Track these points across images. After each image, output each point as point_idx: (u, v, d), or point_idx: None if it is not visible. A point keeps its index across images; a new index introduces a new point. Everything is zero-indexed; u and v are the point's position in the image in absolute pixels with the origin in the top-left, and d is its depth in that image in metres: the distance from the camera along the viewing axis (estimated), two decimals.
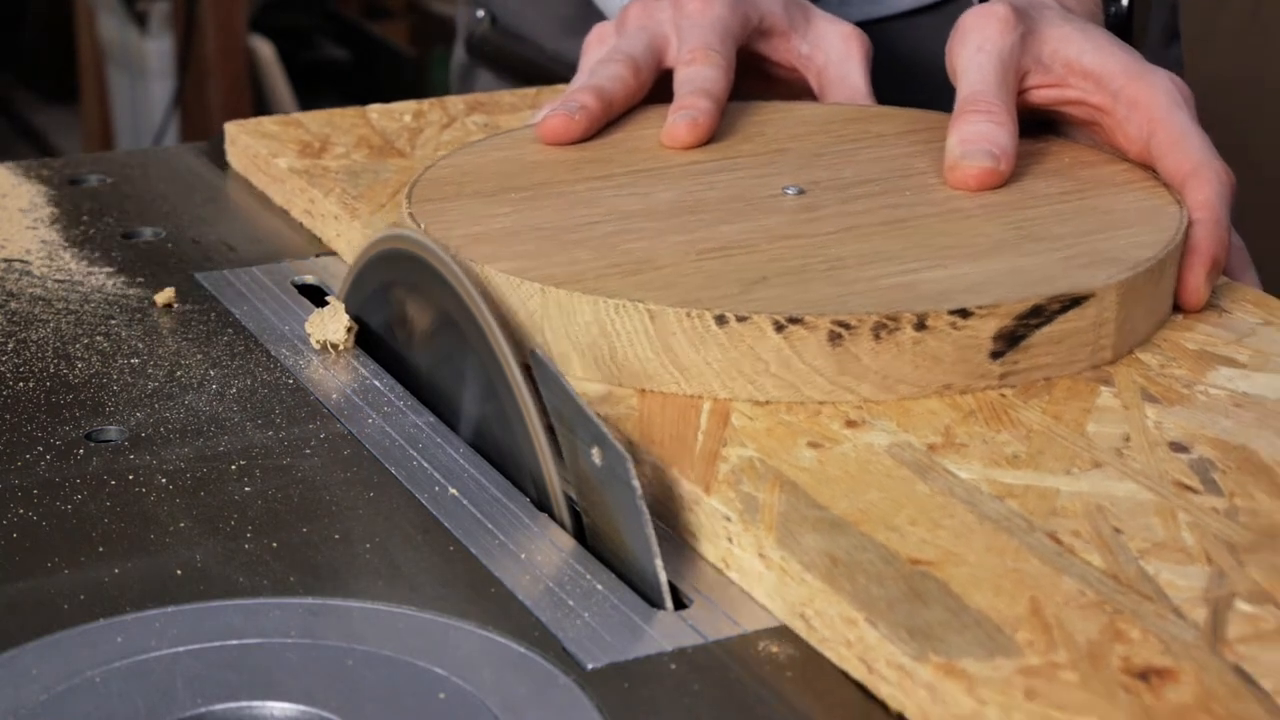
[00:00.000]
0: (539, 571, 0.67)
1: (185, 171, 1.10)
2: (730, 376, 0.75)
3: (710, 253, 0.81)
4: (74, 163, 1.10)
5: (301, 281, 0.94)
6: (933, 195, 0.88)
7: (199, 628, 0.63)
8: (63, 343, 0.85)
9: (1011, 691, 0.57)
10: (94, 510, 0.71)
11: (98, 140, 3.32)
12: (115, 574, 0.66)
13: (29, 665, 0.61)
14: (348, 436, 0.77)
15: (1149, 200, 0.86)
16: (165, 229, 1.00)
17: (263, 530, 0.69)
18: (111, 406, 0.79)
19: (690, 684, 0.61)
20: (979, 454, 0.71)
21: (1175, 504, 0.68)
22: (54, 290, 0.91)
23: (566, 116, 0.94)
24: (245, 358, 0.84)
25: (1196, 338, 0.81)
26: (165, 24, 3.12)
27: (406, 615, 0.64)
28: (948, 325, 0.75)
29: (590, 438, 0.68)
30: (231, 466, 0.74)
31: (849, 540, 0.65)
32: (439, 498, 0.72)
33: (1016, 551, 0.64)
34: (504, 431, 0.74)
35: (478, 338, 0.74)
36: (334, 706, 0.59)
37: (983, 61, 0.90)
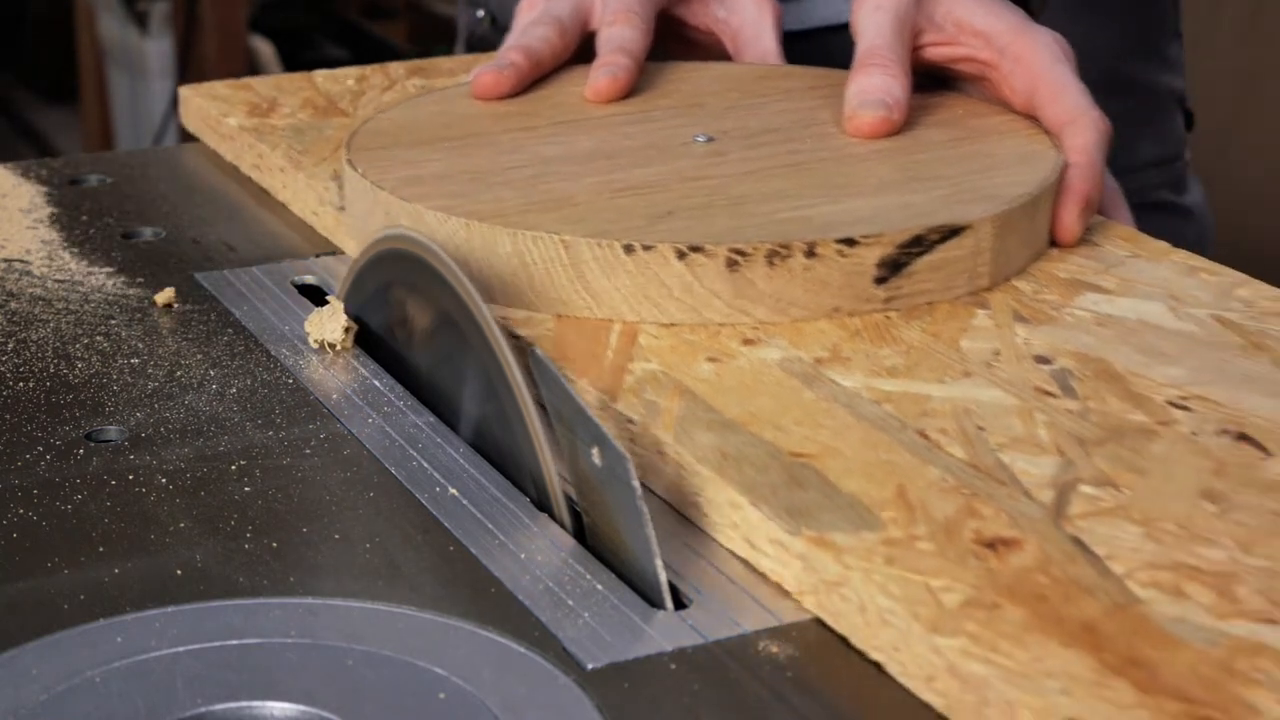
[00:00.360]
0: (539, 571, 0.67)
1: (185, 171, 1.10)
2: (637, 301, 0.82)
3: (623, 191, 0.88)
4: (74, 163, 1.10)
5: (301, 281, 0.94)
6: (831, 142, 0.96)
7: (199, 628, 0.63)
8: (63, 343, 0.85)
9: (874, 558, 0.64)
10: (94, 510, 0.71)
11: (98, 140, 3.32)
12: (115, 574, 0.66)
13: (29, 665, 0.61)
14: (348, 436, 0.77)
15: (1029, 146, 0.95)
16: (165, 229, 1.00)
17: (263, 530, 0.69)
18: (111, 406, 0.79)
19: (690, 684, 0.61)
20: (862, 366, 0.79)
21: (1034, 406, 0.75)
22: (54, 290, 0.91)
23: (496, 72, 1.03)
24: (245, 358, 0.84)
25: (1069, 268, 0.89)
26: (165, 24, 3.12)
27: (406, 615, 0.64)
28: (835, 253, 0.82)
29: (590, 438, 0.68)
30: (231, 466, 0.74)
31: (738, 438, 0.72)
32: (439, 498, 0.72)
33: (889, 446, 0.72)
34: (504, 431, 0.74)
35: (478, 338, 0.74)
36: (334, 706, 0.59)
37: (880, 19, 0.98)
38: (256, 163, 1.06)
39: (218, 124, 1.11)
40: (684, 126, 0.98)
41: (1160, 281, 0.87)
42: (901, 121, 0.96)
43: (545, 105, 1.01)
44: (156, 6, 3.12)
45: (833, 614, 0.64)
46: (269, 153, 1.04)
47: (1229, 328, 0.83)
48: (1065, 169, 0.92)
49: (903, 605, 0.61)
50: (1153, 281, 0.87)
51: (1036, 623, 0.60)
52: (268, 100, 1.12)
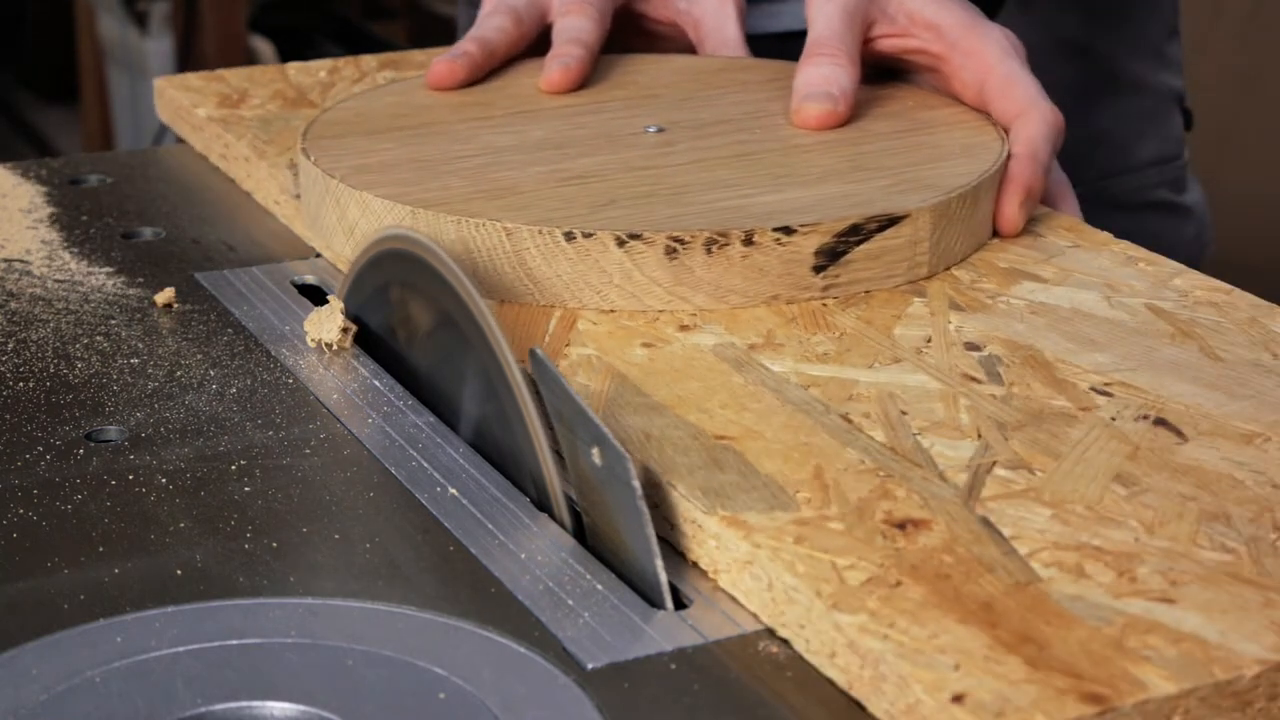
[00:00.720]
0: (539, 571, 0.67)
1: (185, 171, 1.10)
2: (578, 288, 0.84)
3: (568, 181, 0.90)
4: (74, 163, 1.10)
5: (301, 281, 0.94)
6: (779, 133, 0.97)
7: (199, 628, 0.63)
8: (63, 343, 0.85)
9: (784, 538, 0.65)
10: (94, 510, 0.71)
11: (98, 140, 3.31)
12: (115, 574, 0.66)
13: (29, 665, 0.61)
14: (348, 436, 0.77)
15: (974, 137, 0.96)
16: (165, 229, 1.00)
17: (263, 530, 0.69)
18: (111, 406, 0.79)
19: (690, 684, 0.61)
20: (793, 352, 0.80)
21: (959, 391, 0.77)
22: (54, 290, 0.91)
23: (450, 62, 1.04)
24: (245, 358, 0.84)
25: (1009, 257, 0.90)
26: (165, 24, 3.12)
27: (406, 615, 0.64)
28: (773, 241, 0.84)
29: (590, 438, 0.68)
30: (231, 466, 0.74)
31: (664, 420, 0.74)
32: (439, 498, 0.72)
33: (811, 429, 0.73)
34: (504, 431, 0.74)
35: (478, 338, 0.74)
36: (334, 706, 0.59)
37: (830, 10, 0.99)
38: (224, 153, 1.07)
39: (188, 114, 1.12)
40: (636, 117, 0.99)
41: (1098, 271, 0.88)
42: (848, 113, 0.97)
43: (502, 96, 1.03)
44: (156, 6, 3.12)
45: (744, 592, 0.65)
46: (235, 143, 1.06)
47: (1160, 316, 0.84)
48: (1008, 160, 0.92)
49: (807, 583, 0.63)
50: (1091, 271, 0.88)
51: (936, 600, 0.62)
52: (238, 91, 1.14)
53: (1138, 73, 1.30)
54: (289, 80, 1.16)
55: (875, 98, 1.01)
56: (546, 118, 0.99)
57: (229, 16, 3.04)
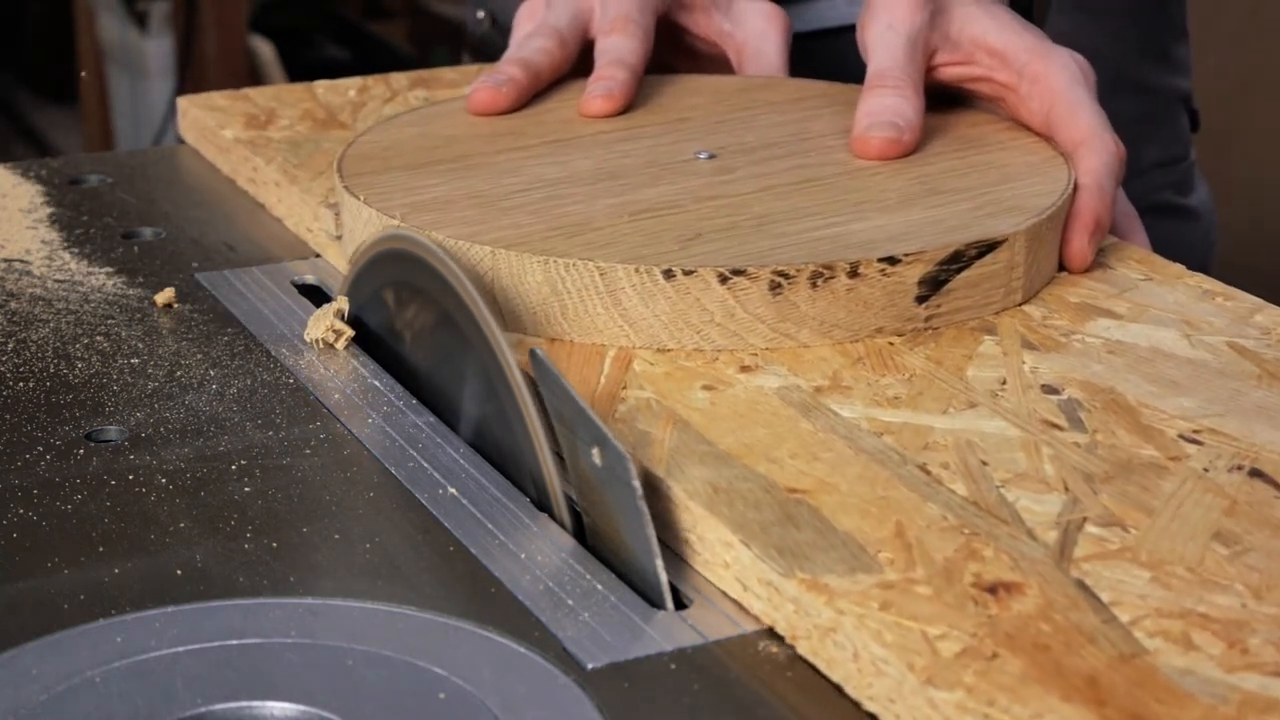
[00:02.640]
0: (539, 571, 0.67)
1: (185, 171, 1.10)
2: (678, 328, 0.80)
3: (642, 214, 0.86)
4: (74, 163, 1.10)
5: (301, 281, 0.94)
6: (835, 156, 0.94)
7: (199, 628, 0.63)
8: (63, 343, 0.85)
9: (868, 603, 0.61)
10: (94, 510, 0.71)
11: (98, 140, 3.31)
12: (115, 574, 0.66)
13: (29, 665, 0.61)
14: (348, 436, 0.77)
15: (1035, 155, 0.93)
16: (165, 229, 1.00)
17: (263, 530, 0.69)
18: (111, 406, 0.79)
19: (690, 684, 0.61)
20: (862, 395, 0.76)
21: (1040, 439, 0.73)
22: (54, 290, 0.91)
23: (494, 88, 1.00)
24: (245, 358, 0.84)
25: (1080, 292, 0.87)
26: (165, 24, 3.12)
27: (406, 615, 0.64)
28: (878, 272, 0.80)
29: (590, 438, 0.68)
30: (231, 466, 0.74)
31: (731, 471, 0.70)
32: (439, 498, 0.72)
33: (888, 481, 0.69)
34: (504, 431, 0.74)
35: (478, 338, 0.74)
36: (334, 706, 0.59)
37: (891, 39, 0.95)
38: (252, 176, 1.04)
39: (214, 136, 1.09)
40: (679, 143, 0.95)
41: (1174, 306, 0.85)
42: (913, 145, 0.93)
43: (529, 124, 0.99)
44: (156, 6, 3.12)
45: (826, 661, 0.62)
46: (264, 166, 1.02)
47: (1244, 356, 0.80)
48: (1074, 192, 0.89)
49: (897, 654, 0.59)
50: (1166, 306, 0.85)
51: (1037, 674, 0.58)
52: (266, 111, 1.10)
53: (1145, 74, 1.30)
54: (317, 100, 1.12)
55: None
56: (586, 146, 0.95)
57: (229, 16, 3.04)
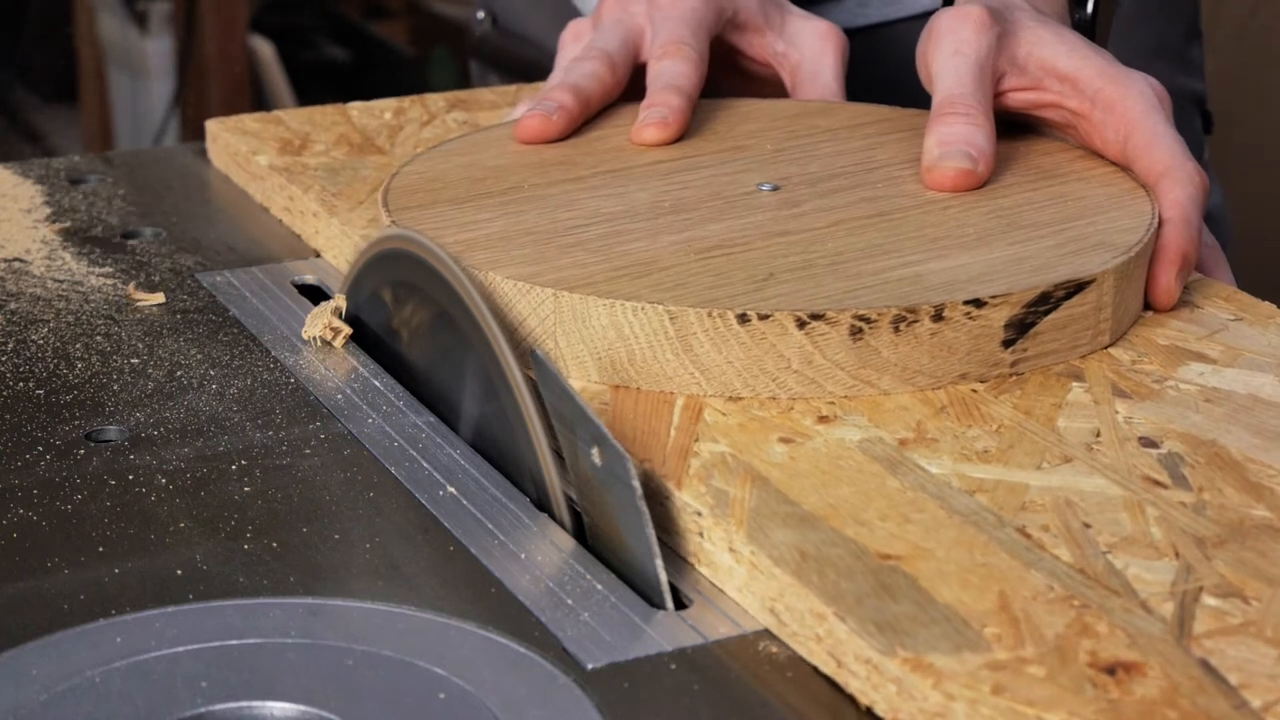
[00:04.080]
0: (539, 571, 0.67)
1: (185, 171, 1.10)
2: (752, 375, 0.75)
3: (708, 252, 0.81)
4: (74, 163, 1.10)
5: (301, 281, 0.94)
6: (904, 187, 0.89)
7: (199, 628, 0.63)
8: (63, 343, 0.85)
9: (979, 686, 0.57)
10: (94, 510, 0.71)
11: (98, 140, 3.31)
12: (115, 574, 0.66)
13: (29, 665, 0.61)
14: (348, 436, 0.77)
15: (1113, 186, 0.89)
16: (165, 229, 1.00)
17: (263, 530, 0.69)
18: (111, 406, 0.79)
19: (690, 684, 0.61)
20: (949, 449, 0.72)
21: (1144, 499, 0.69)
22: (54, 290, 0.91)
23: (544, 116, 0.95)
24: (245, 358, 0.84)
25: (1168, 333, 0.82)
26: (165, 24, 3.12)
27: (406, 615, 0.64)
28: (963, 316, 0.76)
29: (590, 438, 0.68)
30: (231, 466, 0.74)
31: (819, 535, 0.66)
32: (439, 498, 0.72)
33: (985, 546, 0.65)
34: (504, 431, 0.74)
35: (478, 337, 0.74)
36: (334, 706, 0.59)
37: (959, 64, 0.90)
38: (288, 205, 1.00)
39: (247, 162, 1.05)
40: (738, 173, 0.91)
41: (1269, 349, 0.81)
42: (986, 175, 0.89)
43: (579, 153, 0.94)
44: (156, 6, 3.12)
45: None
46: (300, 195, 0.98)
47: None
48: (1159, 226, 0.85)
49: None
50: (1261, 349, 0.81)
51: None
52: (300, 136, 1.06)
53: (1160, 75, 1.28)
54: (352, 123, 1.08)
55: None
56: (642, 177, 0.90)
57: (229, 16, 3.04)
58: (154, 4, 3.12)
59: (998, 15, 0.91)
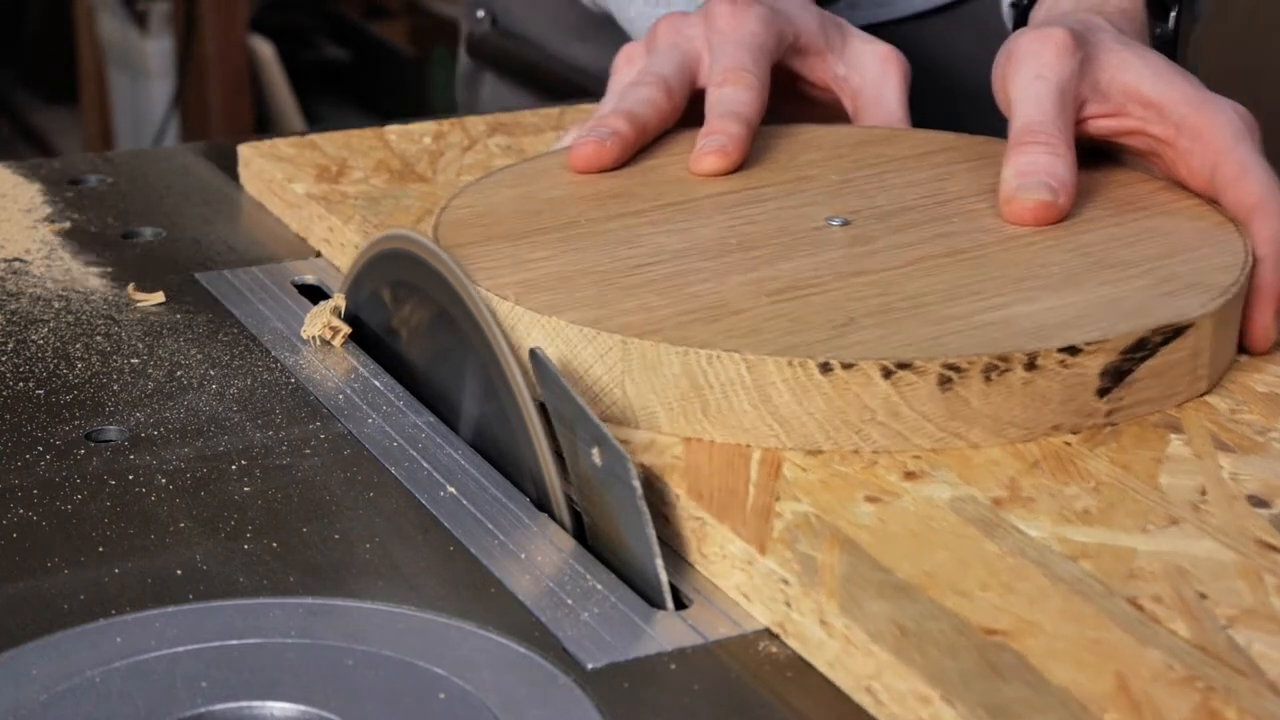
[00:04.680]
0: (539, 571, 0.67)
1: (185, 171, 1.10)
2: (834, 427, 0.71)
3: (782, 293, 0.77)
4: (74, 163, 1.10)
5: (301, 281, 0.94)
6: (981, 222, 0.85)
7: (199, 628, 0.63)
8: (63, 343, 0.85)
9: None
10: (94, 510, 0.71)
11: (98, 140, 3.32)
12: (115, 574, 0.66)
13: (29, 665, 0.61)
14: (348, 436, 0.77)
15: (1202, 221, 0.84)
16: (165, 229, 1.00)
17: (263, 530, 0.69)
18: (111, 406, 0.79)
19: (690, 684, 0.61)
20: (1047, 509, 0.68)
21: (1260, 565, 0.64)
22: (54, 290, 0.91)
23: (598, 144, 0.91)
24: (245, 358, 0.84)
25: (1267, 380, 0.78)
26: (165, 24, 3.12)
27: (406, 615, 0.64)
28: (1057, 364, 0.72)
29: (590, 438, 0.68)
30: (231, 466, 0.74)
31: (917, 607, 0.61)
32: (439, 498, 0.72)
33: (1096, 619, 0.61)
34: (504, 431, 0.74)
35: (478, 337, 0.74)
36: (334, 706, 0.59)
37: (1040, 90, 0.86)
38: (327, 236, 0.96)
39: (283, 189, 1.00)
40: (805, 206, 0.87)
41: None
42: (1068, 208, 0.84)
43: (636, 184, 0.90)
44: (156, 6, 3.12)
45: None
46: (341, 226, 0.94)
47: None
48: (1255, 264, 0.80)
49: None
50: None
51: None
52: (337, 162, 1.02)
53: None
54: (390, 148, 1.04)
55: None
56: (705, 211, 0.86)
57: (229, 16, 3.04)
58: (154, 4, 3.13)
59: (1080, 38, 0.87)
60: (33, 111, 3.86)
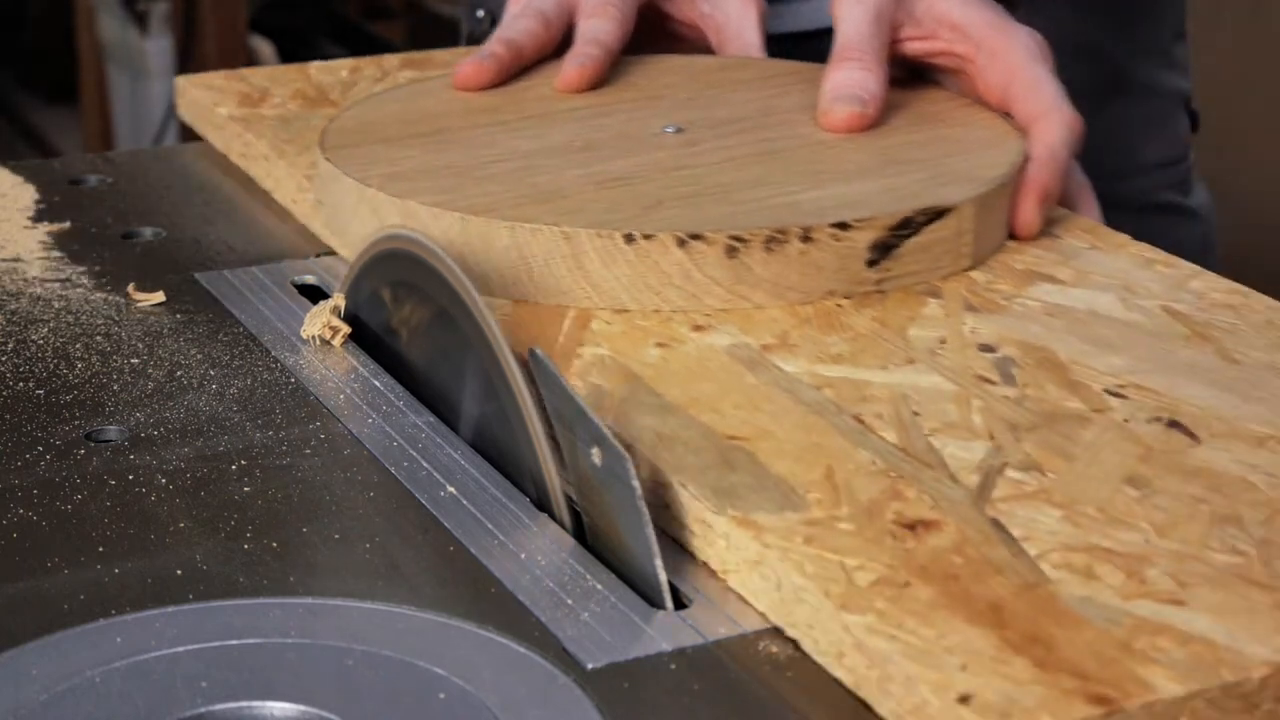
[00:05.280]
0: (539, 571, 0.67)
1: (185, 171, 1.10)
2: (638, 289, 0.83)
3: (609, 183, 0.89)
4: (74, 163, 1.10)
5: (301, 281, 0.94)
6: (799, 130, 0.97)
7: (199, 628, 0.63)
8: (63, 343, 0.85)
9: (793, 538, 0.65)
10: (94, 510, 0.71)
11: (98, 140, 3.31)
12: (115, 574, 0.66)
13: (29, 665, 0.61)
14: (348, 436, 0.77)
15: (991, 130, 0.96)
16: (165, 229, 1.00)
17: (263, 530, 0.69)
18: (111, 406, 0.79)
19: (690, 684, 0.61)
20: (807, 353, 0.80)
21: (972, 393, 0.76)
22: (54, 290, 0.91)
23: (477, 63, 1.04)
24: (245, 358, 0.84)
25: (1025, 259, 0.90)
26: (165, 24, 3.12)
27: (406, 615, 0.64)
28: (829, 237, 0.84)
29: (590, 438, 0.68)
30: (231, 466, 0.74)
31: (676, 420, 0.74)
32: (439, 498, 0.72)
33: (822, 429, 0.73)
34: (504, 431, 0.74)
35: (478, 337, 0.74)
36: (334, 706, 0.59)
37: (858, 14, 0.98)
38: (244, 151, 1.07)
39: (209, 113, 1.12)
40: (650, 118, 0.99)
41: (1116, 273, 0.88)
42: (876, 117, 0.96)
43: (508, 100, 1.02)
44: (156, 6, 3.12)
45: (752, 592, 0.65)
46: (255, 141, 1.05)
47: (1176, 318, 0.83)
48: (1026, 163, 0.92)
49: (816, 583, 0.62)
50: (1108, 273, 0.88)
51: (944, 601, 0.62)
52: (259, 90, 1.13)
53: (1145, 74, 1.30)
54: (310, 79, 1.15)
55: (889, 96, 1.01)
56: (561, 120, 0.99)
57: (229, 16, 3.04)
58: (154, 4, 3.12)
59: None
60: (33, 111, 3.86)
